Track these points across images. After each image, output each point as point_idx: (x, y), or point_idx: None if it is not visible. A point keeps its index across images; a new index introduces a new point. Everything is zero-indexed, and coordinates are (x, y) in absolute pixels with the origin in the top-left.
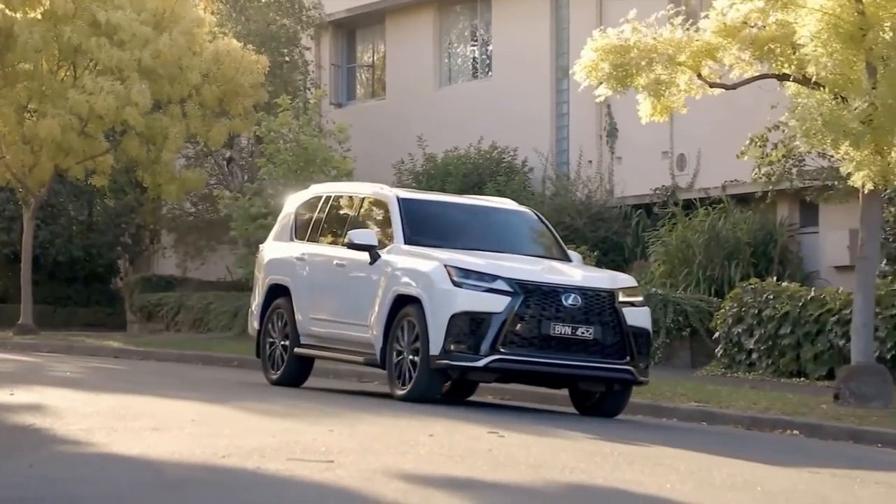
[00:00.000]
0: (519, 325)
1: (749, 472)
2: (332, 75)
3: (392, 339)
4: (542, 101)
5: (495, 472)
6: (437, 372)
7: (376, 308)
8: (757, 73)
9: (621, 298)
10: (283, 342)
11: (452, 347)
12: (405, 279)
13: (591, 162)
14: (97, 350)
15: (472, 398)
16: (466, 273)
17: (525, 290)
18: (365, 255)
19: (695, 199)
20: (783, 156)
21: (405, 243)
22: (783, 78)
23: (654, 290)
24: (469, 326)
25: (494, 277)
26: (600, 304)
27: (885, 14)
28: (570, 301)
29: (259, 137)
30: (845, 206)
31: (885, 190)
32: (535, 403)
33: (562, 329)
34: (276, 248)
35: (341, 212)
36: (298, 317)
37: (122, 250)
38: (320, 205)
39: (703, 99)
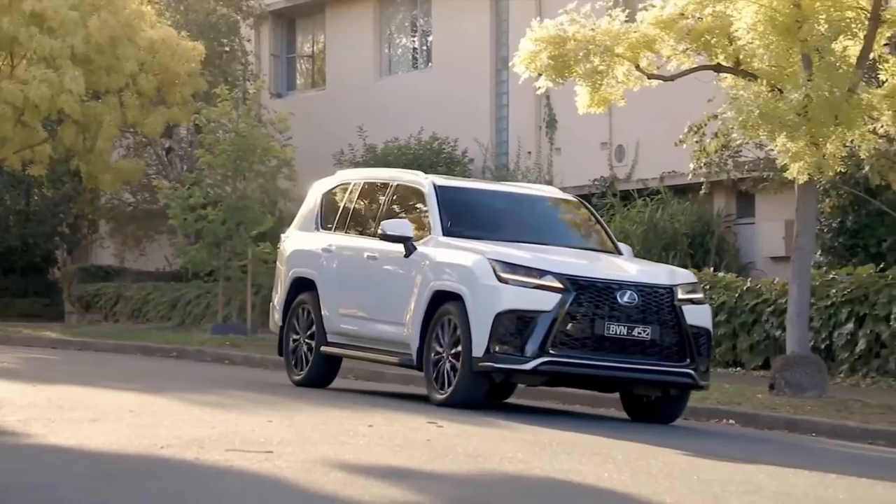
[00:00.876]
0: (570, 325)
1: (685, 462)
2: (271, 65)
3: (430, 338)
4: (482, 93)
5: (433, 462)
6: (480, 375)
7: (412, 305)
8: (694, 65)
9: (680, 295)
10: (308, 340)
11: (497, 349)
12: (444, 274)
13: (530, 153)
14: (34, 340)
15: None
16: (513, 268)
17: (577, 287)
18: (399, 248)
19: (633, 189)
20: (721, 146)
21: (443, 235)
22: (720, 69)
23: None
24: (516, 326)
25: (543, 272)
26: (658, 302)
27: (820, 6)
28: (626, 298)
29: (198, 127)
30: (781, 198)
31: (820, 181)
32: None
33: (617, 329)
34: (299, 239)
35: (371, 200)
36: (325, 313)
37: (60, 240)
38: (348, 192)
39: (642, 90)
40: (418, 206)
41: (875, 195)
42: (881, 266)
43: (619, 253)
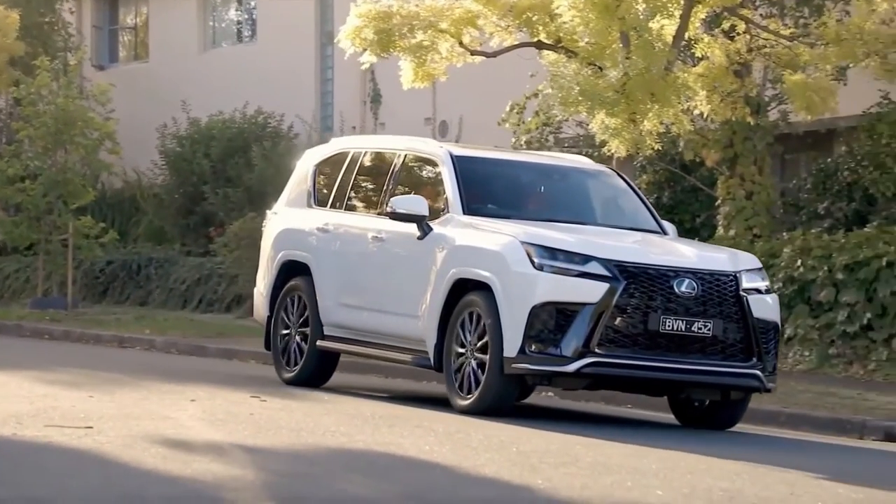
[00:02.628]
0: (619, 320)
1: (505, 434)
2: (94, 37)
3: (451, 334)
4: (307, 67)
5: (256, 436)
6: (512, 378)
7: (428, 295)
8: (516, 42)
9: (746, 284)
10: (300, 333)
11: (533, 347)
12: (468, 259)
13: (354, 128)
14: None
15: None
16: (552, 252)
17: (627, 275)
18: (412, 228)
19: None
20: (542, 123)
21: (464, 213)
22: (541, 46)
23: None
24: (555, 321)
25: (587, 258)
26: (721, 292)
27: None
28: (684, 287)
29: (17, 99)
30: None
31: (638, 157)
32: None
33: (674, 323)
34: (290, 217)
35: (375, 172)
36: (322, 302)
37: None
38: (347, 163)
39: (466, 67)
40: (432, 179)
41: (689, 172)
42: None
43: (665, 233)
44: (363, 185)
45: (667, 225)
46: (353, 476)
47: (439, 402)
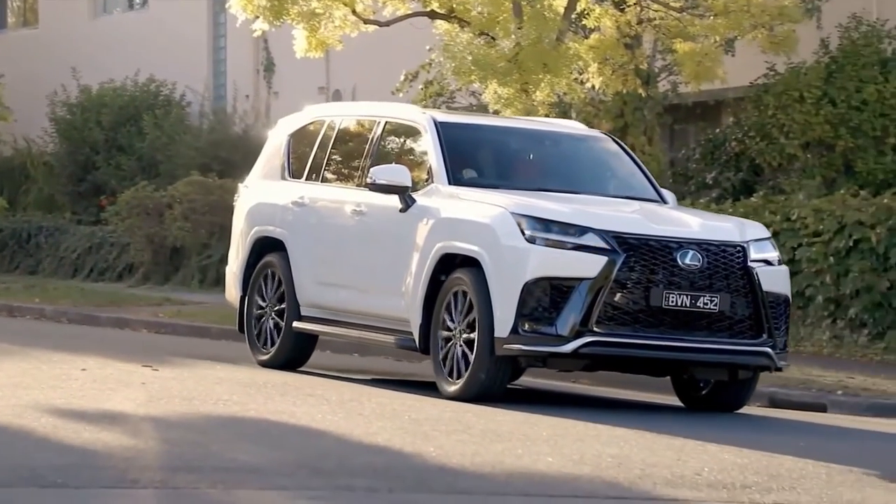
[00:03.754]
0: (619, 295)
1: (398, 402)
2: None
3: (437, 314)
4: (200, 35)
5: (148, 405)
6: (503, 360)
7: (412, 271)
8: (409, 11)
9: (754, 255)
10: (275, 313)
11: (526, 327)
12: (455, 233)
13: (248, 97)
14: None
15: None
16: (545, 224)
17: (626, 247)
18: (393, 200)
19: None
20: (436, 93)
21: (449, 183)
22: (434, 16)
23: None
24: (550, 298)
25: (584, 229)
26: (728, 264)
27: None
28: (688, 260)
29: None
30: None
31: None
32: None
33: (678, 299)
34: (263, 190)
35: (354, 141)
36: (298, 280)
37: None
38: (323, 132)
39: (359, 35)
40: (415, 148)
41: None
42: None
43: (665, 201)
44: (341, 155)
45: (666, 193)
46: (245, 445)
47: (332, 371)
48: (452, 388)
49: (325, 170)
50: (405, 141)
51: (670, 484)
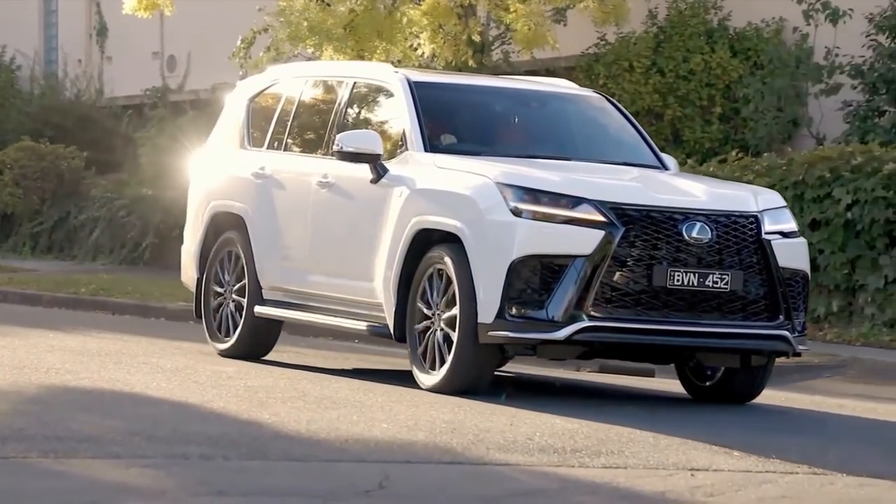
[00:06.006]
0: (618, 274)
1: (234, 370)
2: None
3: (413, 297)
4: None
5: None
6: (489, 349)
7: (385, 249)
8: None
9: (769, 226)
10: (236, 296)
11: (514, 311)
12: (432, 205)
13: (80, 61)
14: None
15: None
16: (533, 194)
17: (625, 220)
18: (363, 170)
19: (185, 101)
20: (272, 59)
21: (426, 150)
22: None
23: (145, 191)
24: (540, 278)
25: (578, 200)
26: (740, 237)
27: None
28: (695, 233)
29: None
30: None
31: None
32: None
33: (684, 277)
34: (220, 161)
35: (320, 105)
36: (260, 261)
37: None
38: (285, 96)
39: (194, 1)
40: (387, 111)
41: None
42: None
43: (666, 168)
44: (305, 120)
45: (667, 159)
46: (78, 414)
47: (171, 339)
48: (431, 381)
49: (288, 137)
50: (376, 103)
51: (503, 449)
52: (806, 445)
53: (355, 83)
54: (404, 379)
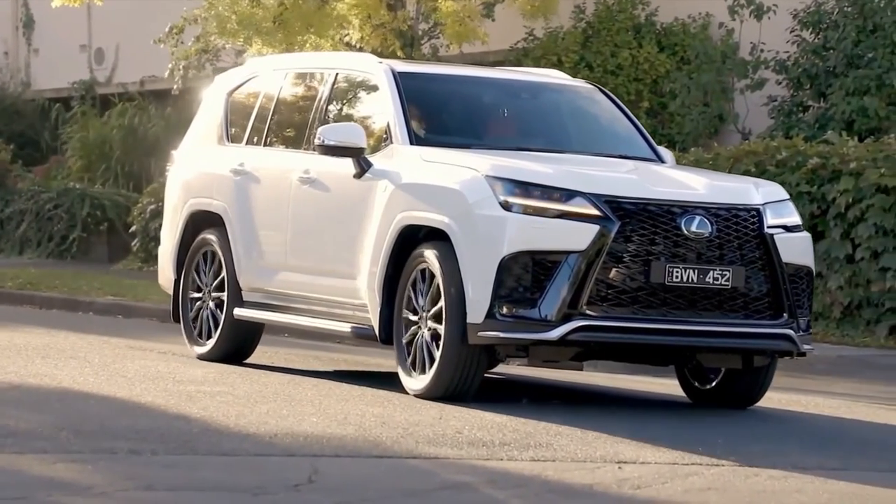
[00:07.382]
0: (614, 271)
1: (163, 365)
2: None
3: (399, 297)
4: None
5: None
6: (479, 350)
7: (370, 247)
8: None
9: (771, 220)
10: (214, 299)
11: (505, 310)
12: (418, 201)
13: (6, 54)
14: None
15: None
16: (524, 188)
17: (621, 213)
18: (346, 164)
19: (113, 94)
20: (201, 50)
21: (411, 143)
22: None
23: (71, 184)
24: (532, 276)
25: (570, 193)
26: (742, 232)
27: None
28: (694, 227)
29: None
30: None
31: None
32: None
33: (683, 273)
34: (198, 158)
35: (301, 98)
36: (239, 261)
37: None
38: (265, 90)
39: None
40: (371, 103)
41: None
42: None
43: (662, 160)
44: (286, 114)
45: (664, 151)
46: (4, 408)
47: (98, 334)
48: (418, 385)
49: (268, 132)
50: (359, 96)
51: (432, 442)
52: (731, 438)
53: (337, 75)
54: (335, 375)
